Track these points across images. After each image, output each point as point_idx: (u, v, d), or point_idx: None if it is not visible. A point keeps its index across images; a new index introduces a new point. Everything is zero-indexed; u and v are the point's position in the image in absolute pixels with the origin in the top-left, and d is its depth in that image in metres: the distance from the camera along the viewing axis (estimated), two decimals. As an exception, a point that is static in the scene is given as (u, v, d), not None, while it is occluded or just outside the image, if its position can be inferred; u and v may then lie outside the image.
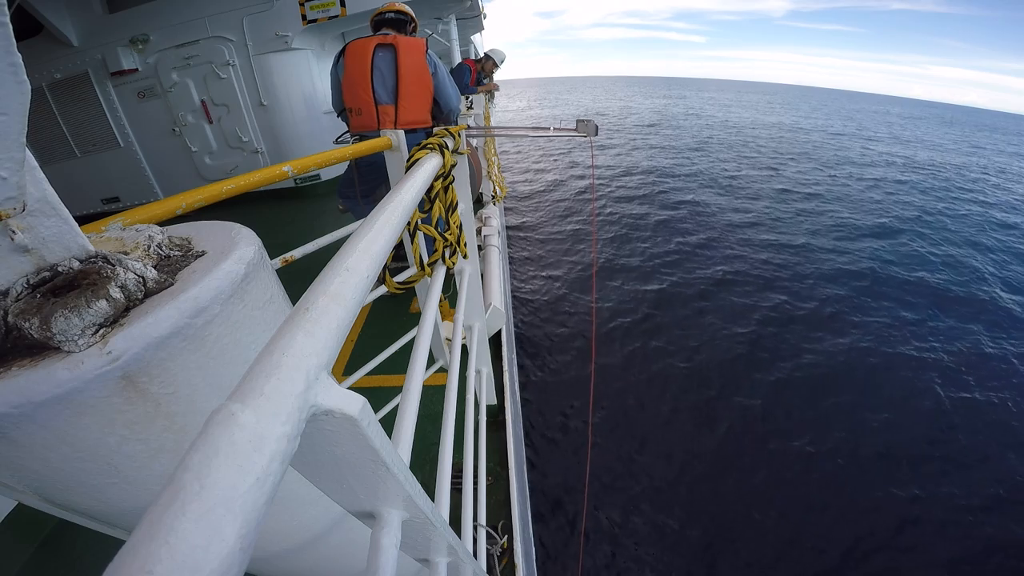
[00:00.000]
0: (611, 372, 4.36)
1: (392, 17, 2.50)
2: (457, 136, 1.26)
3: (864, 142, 21.39)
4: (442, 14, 5.56)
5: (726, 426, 3.73)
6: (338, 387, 0.26)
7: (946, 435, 3.74)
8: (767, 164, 14.37)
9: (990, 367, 4.63)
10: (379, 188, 2.60)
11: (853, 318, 5.34)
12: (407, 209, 0.62)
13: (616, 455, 3.46)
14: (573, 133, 1.66)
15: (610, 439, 3.60)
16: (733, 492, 3.19)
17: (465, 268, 1.40)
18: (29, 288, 0.34)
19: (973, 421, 3.89)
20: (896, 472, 3.36)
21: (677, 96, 56.59)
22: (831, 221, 8.84)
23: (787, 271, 6.53)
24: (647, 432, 3.67)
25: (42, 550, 1.43)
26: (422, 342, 0.87)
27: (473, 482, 1.17)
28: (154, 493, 0.19)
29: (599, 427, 3.68)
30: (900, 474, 3.35)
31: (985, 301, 6.04)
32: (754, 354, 4.62)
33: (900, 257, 7.27)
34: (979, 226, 9.33)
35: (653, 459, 3.43)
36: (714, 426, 3.73)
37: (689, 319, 5.23)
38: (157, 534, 0.15)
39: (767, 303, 5.61)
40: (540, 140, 16.58)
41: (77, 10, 4.54)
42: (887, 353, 4.72)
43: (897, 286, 6.22)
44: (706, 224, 8.45)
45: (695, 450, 3.51)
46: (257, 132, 5.14)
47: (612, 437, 3.62)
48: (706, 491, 3.19)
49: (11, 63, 0.29)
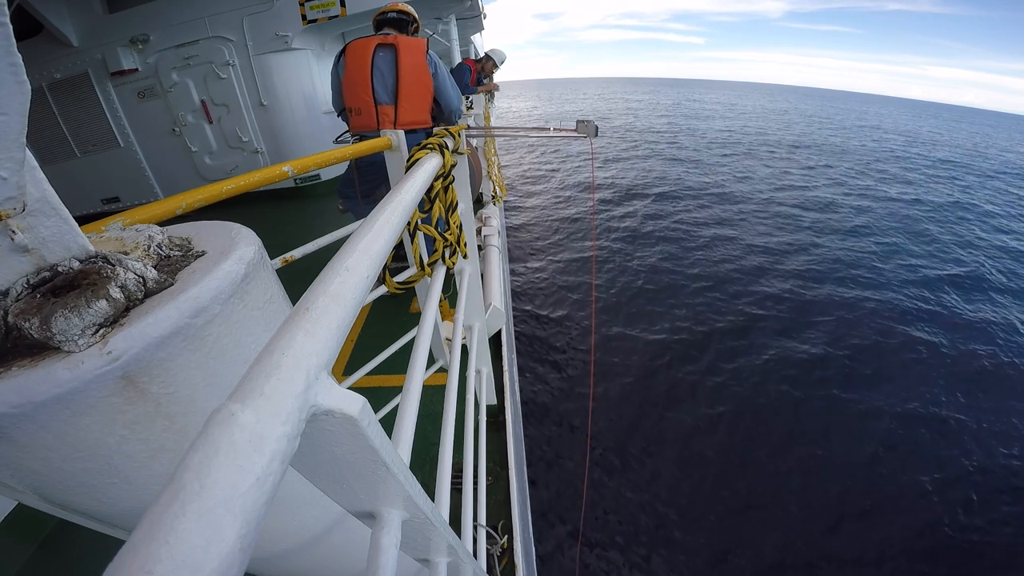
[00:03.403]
0: (611, 372, 4.36)
1: (394, 17, 2.50)
2: (457, 136, 1.26)
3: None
4: (442, 14, 5.56)
5: (726, 426, 3.73)
6: (338, 387, 0.26)
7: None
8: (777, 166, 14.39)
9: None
10: (379, 188, 2.59)
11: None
12: (407, 209, 0.62)
13: (616, 455, 3.46)
14: (573, 134, 1.66)
15: (610, 439, 3.60)
16: (734, 492, 3.19)
17: (465, 268, 1.40)
18: (29, 288, 0.34)
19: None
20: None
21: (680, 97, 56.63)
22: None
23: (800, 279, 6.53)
24: (647, 432, 3.67)
25: (42, 550, 1.43)
26: (422, 342, 0.87)
27: (473, 482, 1.17)
28: (154, 493, 0.19)
29: (598, 427, 3.68)
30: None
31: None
32: (753, 354, 4.62)
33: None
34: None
35: (653, 459, 3.43)
36: (715, 426, 3.73)
37: (690, 319, 5.23)
38: (157, 534, 0.15)
39: (770, 305, 5.61)
40: (540, 140, 16.58)
41: (77, 10, 4.54)
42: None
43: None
44: (707, 224, 8.45)
45: (695, 450, 3.51)
46: (257, 132, 5.14)
47: (612, 437, 3.63)
48: (706, 491, 3.19)
49: (11, 63, 0.29)
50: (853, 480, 3.28)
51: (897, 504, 3.14)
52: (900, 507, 3.12)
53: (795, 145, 19.12)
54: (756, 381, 4.23)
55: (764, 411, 3.90)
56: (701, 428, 3.72)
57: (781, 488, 3.22)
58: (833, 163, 15.43)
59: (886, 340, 4.95)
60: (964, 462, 3.51)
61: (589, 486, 3.09)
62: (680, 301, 5.62)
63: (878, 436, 3.68)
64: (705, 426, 3.73)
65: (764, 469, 3.35)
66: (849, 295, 5.89)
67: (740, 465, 3.39)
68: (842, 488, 3.22)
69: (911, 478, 3.33)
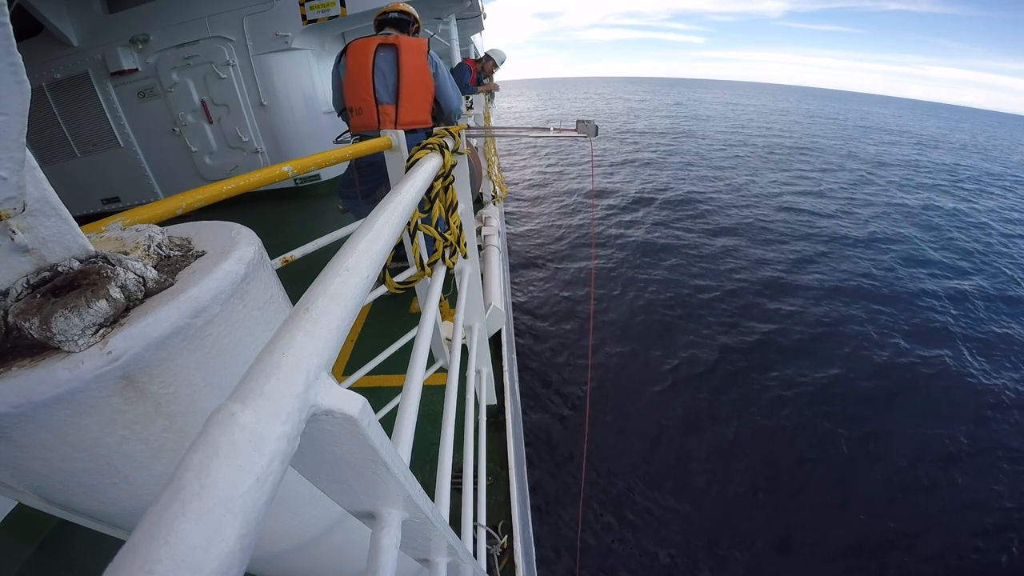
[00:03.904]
0: (611, 371, 4.37)
1: (395, 17, 2.51)
2: (457, 136, 1.26)
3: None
4: (442, 14, 5.56)
5: (727, 426, 3.73)
6: (338, 387, 0.26)
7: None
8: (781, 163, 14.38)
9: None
10: (379, 188, 2.59)
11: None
12: (407, 209, 0.62)
13: (615, 454, 3.46)
14: (573, 134, 1.66)
15: (609, 438, 3.61)
16: (733, 492, 3.19)
17: (465, 268, 1.40)
18: (29, 288, 0.34)
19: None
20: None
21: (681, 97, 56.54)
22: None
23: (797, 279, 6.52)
24: (646, 432, 3.68)
25: (42, 550, 1.43)
26: (422, 342, 0.87)
27: (473, 482, 1.17)
28: (154, 493, 0.19)
29: (598, 427, 3.68)
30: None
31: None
32: (753, 354, 4.62)
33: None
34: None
35: (652, 459, 3.43)
36: (716, 427, 3.74)
37: (690, 318, 5.23)
38: (157, 534, 0.15)
39: (773, 308, 5.61)
40: (541, 143, 16.58)
41: (77, 10, 4.54)
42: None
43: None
44: (707, 224, 8.45)
45: (695, 450, 3.51)
46: (257, 132, 5.14)
47: (611, 436, 3.63)
48: (705, 491, 3.19)
49: (11, 63, 0.29)
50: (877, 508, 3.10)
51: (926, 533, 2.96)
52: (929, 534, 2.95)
53: (797, 147, 19.08)
54: (763, 389, 4.21)
55: (775, 420, 3.85)
56: (704, 429, 3.72)
57: (782, 498, 3.22)
58: (844, 166, 15.22)
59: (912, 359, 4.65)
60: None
61: (588, 485, 3.10)
62: (684, 300, 5.62)
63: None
64: (709, 427, 3.74)
65: (772, 477, 3.33)
66: (866, 309, 5.58)
67: (744, 467, 3.39)
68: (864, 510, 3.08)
69: (941, 507, 3.12)
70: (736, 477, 3.29)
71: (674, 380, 4.24)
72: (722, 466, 3.37)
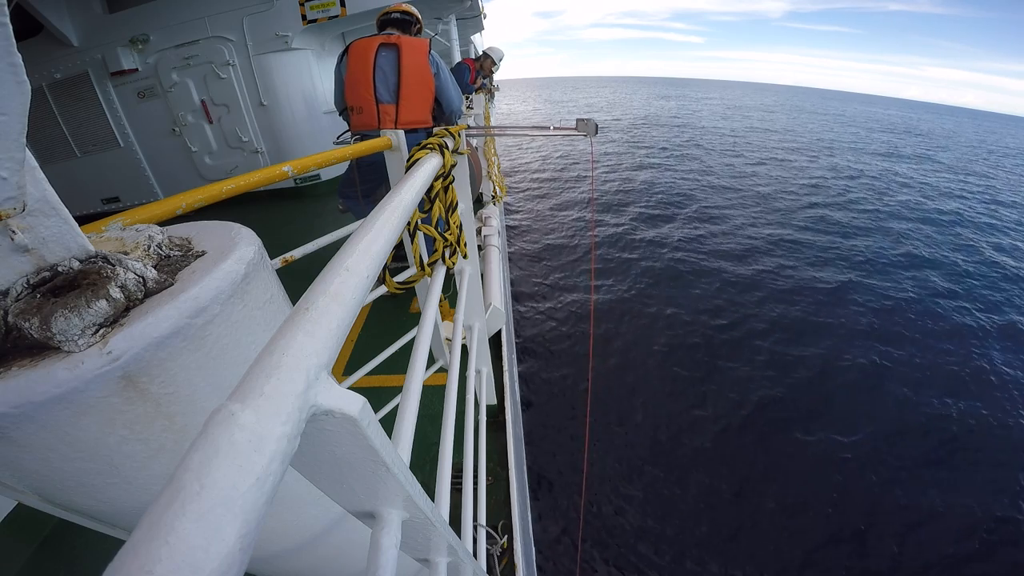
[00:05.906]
0: (610, 371, 4.37)
1: (397, 17, 2.52)
2: (457, 136, 1.26)
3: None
4: (442, 14, 5.56)
5: (727, 426, 3.73)
6: (338, 387, 0.26)
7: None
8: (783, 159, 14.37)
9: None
10: (379, 188, 2.60)
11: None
12: (407, 209, 0.62)
13: (615, 454, 3.46)
14: (573, 132, 1.66)
15: (609, 438, 3.61)
16: (732, 492, 3.19)
17: (465, 268, 1.40)
18: (29, 288, 0.34)
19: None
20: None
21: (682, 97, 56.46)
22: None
23: (794, 277, 6.52)
24: (646, 431, 3.68)
25: (42, 550, 1.43)
26: (422, 342, 0.87)
27: (473, 482, 1.17)
28: (154, 493, 0.19)
29: (598, 427, 3.68)
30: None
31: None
32: (753, 355, 4.62)
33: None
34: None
35: (652, 458, 3.43)
36: (715, 427, 3.74)
37: (690, 318, 5.23)
38: (157, 534, 0.15)
39: (775, 307, 5.61)
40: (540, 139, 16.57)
41: (77, 10, 4.54)
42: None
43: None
44: (707, 224, 8.45)
45: (695, 451, 3.51)
46: (257, 132, 5.14)
47: (611, 436, 3.63)
48: (704, 490, 3.19)
49: (11, 63, 0.29)
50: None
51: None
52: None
53: (798, 148, 19.05)
54: (765, 397, 4.21)
55: (777, 423, 3.84)
56: (704, 429, 3.72)
57: (784, 498, 3.22)
58: (851, 167, 15.13)
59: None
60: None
61: (588, 485, 3.10)
62: (684, 300, 5.62)
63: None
64: (709, 427, 3.73)
65: (773, 480, 3.32)
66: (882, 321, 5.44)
67: (743, 468, 3.39)
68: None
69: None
70: (746, 478, 3.29)
71: (676, 375, 4.25)
72: (730, 472, 3.36)
